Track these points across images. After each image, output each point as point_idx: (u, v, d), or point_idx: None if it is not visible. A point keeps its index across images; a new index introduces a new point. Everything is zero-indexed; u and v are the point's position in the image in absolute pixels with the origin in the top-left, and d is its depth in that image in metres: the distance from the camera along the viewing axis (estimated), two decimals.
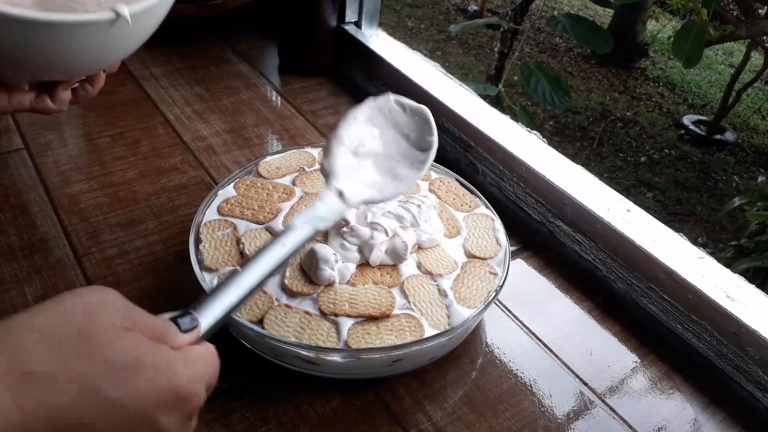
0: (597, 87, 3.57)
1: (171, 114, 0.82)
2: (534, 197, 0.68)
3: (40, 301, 0.54)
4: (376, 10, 0.93)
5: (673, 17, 4.33)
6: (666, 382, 0.54)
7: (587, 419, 0.50)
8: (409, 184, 0.50)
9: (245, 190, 0.62)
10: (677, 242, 0.59)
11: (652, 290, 0.58)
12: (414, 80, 0.82)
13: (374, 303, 0.51)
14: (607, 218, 0.61)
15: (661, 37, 4.13)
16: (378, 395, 0.50)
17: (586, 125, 3.20)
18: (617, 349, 0.57)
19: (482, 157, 0.73)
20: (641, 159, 2.97)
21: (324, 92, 0.91)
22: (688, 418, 0.51)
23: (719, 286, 0.55)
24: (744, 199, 2.00)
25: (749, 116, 3.41)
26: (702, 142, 3.09)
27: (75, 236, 0.62)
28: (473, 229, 0.60)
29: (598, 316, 0.60)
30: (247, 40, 1.01)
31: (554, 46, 4.01)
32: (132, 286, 0.57)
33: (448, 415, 0.49)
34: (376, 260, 0.54)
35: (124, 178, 0.70)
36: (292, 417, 0.48)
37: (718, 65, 3.97)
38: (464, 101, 0.78)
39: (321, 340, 0.48)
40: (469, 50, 3.91)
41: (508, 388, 0.52)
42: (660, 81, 3.72)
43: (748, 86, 3.03)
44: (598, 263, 0.63)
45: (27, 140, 0.74)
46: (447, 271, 0.55)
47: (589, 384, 0.53)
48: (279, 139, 0.80)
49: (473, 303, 0.52)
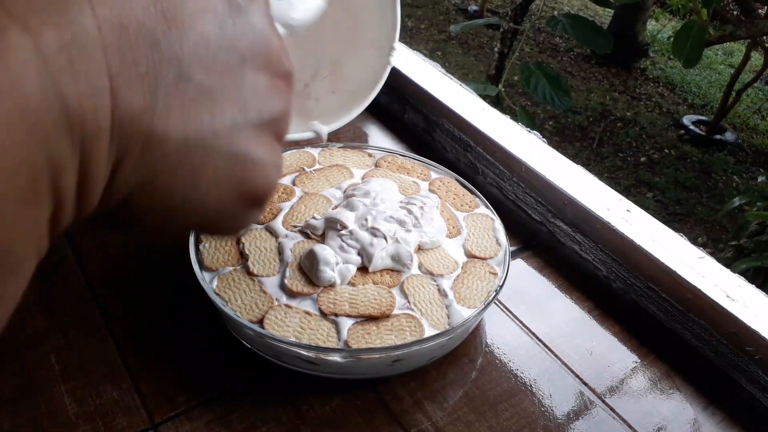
0: (597, 87, 3.58)
1: None
2: (534, 197, 0.68)
3: (40, 301, 0.54)
4: None
5: (673, 17, 4.34)
6: (666, 382, 0.54)
7: (587, 419, 0.50)
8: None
9: None
10: (677, 242, 0.59)
11: (651, 290, 0.58)
12: (414, 80, 0.82)
13: (374, 303, 0.51)
14: (607, 218, 0.61)
15: (661, 37, 4.13)
16: (378, 395, 0.50)
17: (586, 125, 3.20)
18: (617, 349, 0.57)
19: (482, 157, 0.73)
20: (641, 159, 2.97)
21: None
22: (688, 418, 0.51)
23: (719, 286, 0.55)
24: (744, 199, 2.00)
25: (749, 116, 3.41)
26: (702, 142, 3.09)
27: (74, 235, 0.62)
28: (473, 229, 0.60)
29: (598, 316, 0.60)
30: None
31: (554, 46, 4.01)
32: (132, 286, 0.57)
33: (448, 415, 0.49)
34: (375, 268, 0.53)
35: None
36: (292, 417, 0.48)
37: (718, 65, 3.98)
38: (464, 101, 0.78)
39: (321, 340, 0.48)
40: (469, 50, 3.91)
41: (508, 388, 0.52)
42: (660, 81, 3.72)
43: (748, 86, 3.03)
44: (598, 263, 0.63)
45: None
46: (447, 271, 0.55)
47: (589, 384, 0.53)
48: None
49: (473, 303, 0.52)
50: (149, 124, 0.20)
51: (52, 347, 0.51)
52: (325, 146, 0.69)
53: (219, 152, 0.22)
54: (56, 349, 0.51)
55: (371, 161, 0.68)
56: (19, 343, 0.51)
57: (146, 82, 0.19)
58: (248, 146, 0.23)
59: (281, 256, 0.54)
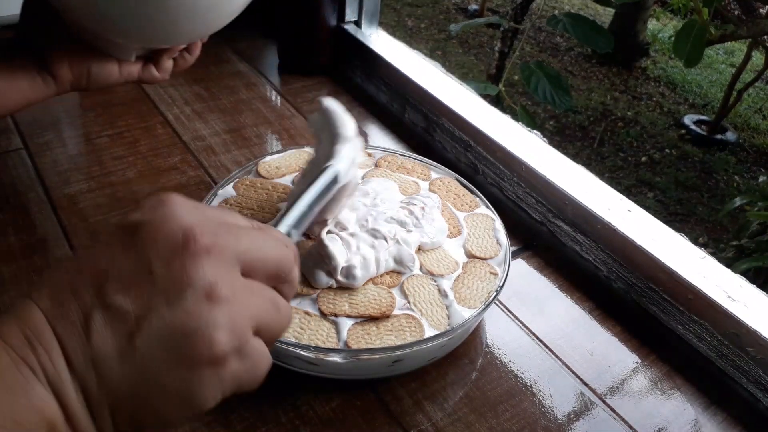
0: (597, 86, 3.57)
1: (170, 114, 0.82)
2: (534, 197, 0.68)
3: None
4: (376, 10, 0.93)
5: (674, 16, 4.33)
6: (666, 382, 0.54)
7: (587, 420, 0.50)
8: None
9: (245, 190, 0.61)
10: (678, 242, 0.59)
11: (652, 290, 0.58)
12: (414, 80, 0.81)
13: (374, 303, 0.51)
14: (608, 218, 0.61)
15: (662, 37, 4.13)
16: (378, 396, 0.50)
17: (587, 125, 3.20)
18: (618, 350, 0.57)
19: (482, 157, 0.73)
20: (642, 159, 2.97)
21: (324, 92, 0.90)
22: (689, 418, 0.51)
23: (720, 287, 0.54)
24: (745, 199, 2.00)
25: (750, 116, 3.41)
26: (703, 141, 3.09)
27: (74, 236, 0.62)
28: (473, 229, 0.60)
29: (599, 316, 0.59)
30: (246, 39, 1.01)
31: (555, 45, 4.01)
32: None
33: (448, 415, 0.49)
34: (379, 274, 0.53)
35: (123, 177, 0.70)
36: (292, 417, 0.48)
37: (719, 65, 3.97)
38: (464, 101, 0.78)
39: (321, 340, 0.48)
40: (470, 50, 3.91)
41: (508, 388, 0.52)
42: (661, 80, 3.71)
43: (749, 86, 3.03)
44: (599, 263, 0.63)
45: (26, 140, 0.74)
46: (447, 271, 0.55)
47: (589, 384, 0.53)
48: (278, 139, 0.80)
49: (473, 303, 0.52)
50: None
51: None
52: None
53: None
54: None
55: (371, 161, 0.68)
56: None
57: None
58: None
59: None
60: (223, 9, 0.51)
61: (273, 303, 0.30)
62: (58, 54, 0.53)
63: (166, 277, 0.26)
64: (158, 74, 0.58)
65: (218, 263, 0.27)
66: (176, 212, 0.28)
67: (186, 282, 0.26)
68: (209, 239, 0.27)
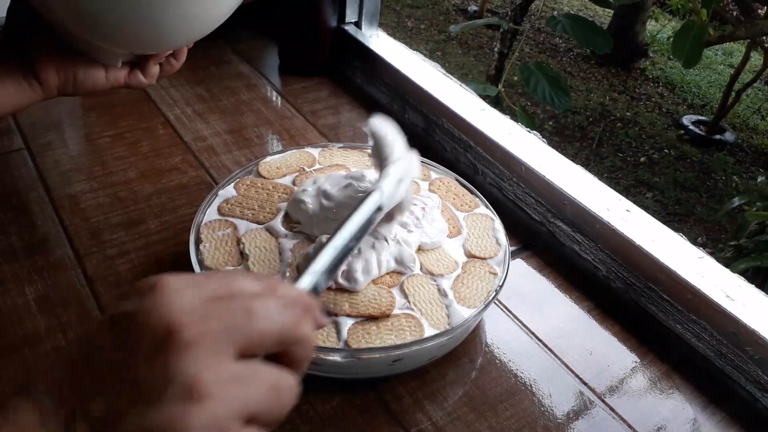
0: (597, 87, 3.58)
1: (171, 114, 0.82)
2: (534, 197, 0.68)
3: (41, 301, 0.54)
4: (376, 11, 0.93)
5: (672, 17, 4.34)
6: (665, 381, 0.54)
7: (587, 419, 0.50)
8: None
9: (245, 190, 0.62)
10: (677, 242, 0.59)
11: (651, 290, 0.58)
12: (414, 80, 0.82)
13: (374, 303, 0.51)
14: (607, 218, 0.61)
15: (661, 38, 4.13)
16: (378, 395, 0.50)
17: (586, 125, 3.20)
18: (617, 349, 0.57)
19: (482, 157, 0.73)
20: (641, 159, 2.97)
21: (324, 92, 0.91)
22: (688, 417, 0.51)
23: (719, 286, 0.55)
24: (743, 199, 2.00)
25: (749, 116, 3.41)
26: (701, 142, 3.09)
27: (75, 236, 0.62)
28: (473, 229, 0.60)
29: (598, 315, 0.60)
30: (247, 40, 1.01)
31: (554, 46, 4.01)
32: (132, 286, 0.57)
33: (448, 414, 0.50)
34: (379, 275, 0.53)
35: (124, 178, 0.70)
36: (292, 417, 0.48)
37: (717, 65, 3.98)
38: (464, 101, 0.78)
39: (321, 340, 0.48)
40: (469, 50, 3.91)
41: (507, 387, 0.52)
42: (660, 81, 3.72)
43: (748, 86, 3.04)
44: (598, 263, 0.63)
45: (28, 140, 0.74)
46: (447, 270, 0.55)
47: (588, 384, 0.53)
48: (279, 140, 0.80)
49: (473, 303, 0.52)
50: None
51: (52, 347, 0.51)
52: (325, 146, 0.70)
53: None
54: (56, 349, 0.51)
55: (371, 161, 0.68)
56: (19, 343, 0.51)
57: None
58: None
59: (281, 256, 0.54)
60: (208, 16, 0.50)
61: (272, 388, 0.28)
62: (44, 59, 0.52)
63: (147, 376, 0.26)
64: (145, 80, 0.57)
65: (205, 354, 0.26)
66: (164, 301, 0.27)
67: (168, 379, 0.25)
68: (195, 329, 0.26)
